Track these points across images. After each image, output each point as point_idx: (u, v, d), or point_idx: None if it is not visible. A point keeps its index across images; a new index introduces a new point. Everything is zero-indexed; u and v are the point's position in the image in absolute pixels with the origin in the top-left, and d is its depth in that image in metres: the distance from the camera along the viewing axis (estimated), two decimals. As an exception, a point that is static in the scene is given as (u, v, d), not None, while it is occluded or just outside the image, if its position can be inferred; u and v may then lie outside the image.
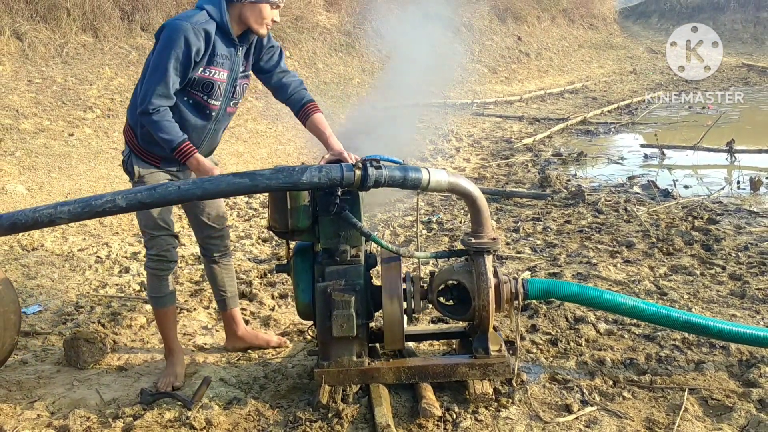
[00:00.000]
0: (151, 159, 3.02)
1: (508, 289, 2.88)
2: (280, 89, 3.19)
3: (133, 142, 3.02)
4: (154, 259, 3.10)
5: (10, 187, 6.24)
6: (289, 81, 3.19)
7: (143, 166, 3.02)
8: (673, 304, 3.87)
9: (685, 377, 3.04)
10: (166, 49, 2.76)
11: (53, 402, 2.97)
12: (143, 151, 3.00)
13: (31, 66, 9.11)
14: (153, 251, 3.09)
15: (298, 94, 3.19)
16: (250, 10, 2.86)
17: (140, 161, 3.02)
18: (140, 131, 2.96)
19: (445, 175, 2.72)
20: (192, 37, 2.75)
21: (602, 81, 17.93)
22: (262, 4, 2.86)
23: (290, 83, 3.19)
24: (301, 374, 3.13)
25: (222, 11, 2.85)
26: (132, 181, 3.06)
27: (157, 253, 3.09)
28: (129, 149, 3.05)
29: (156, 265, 3.11)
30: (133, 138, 3.01)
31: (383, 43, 15.14)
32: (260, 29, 2.92)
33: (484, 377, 2.84)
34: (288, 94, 3.19)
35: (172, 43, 2.75)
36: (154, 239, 3.07)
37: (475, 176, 7.78)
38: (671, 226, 5.46)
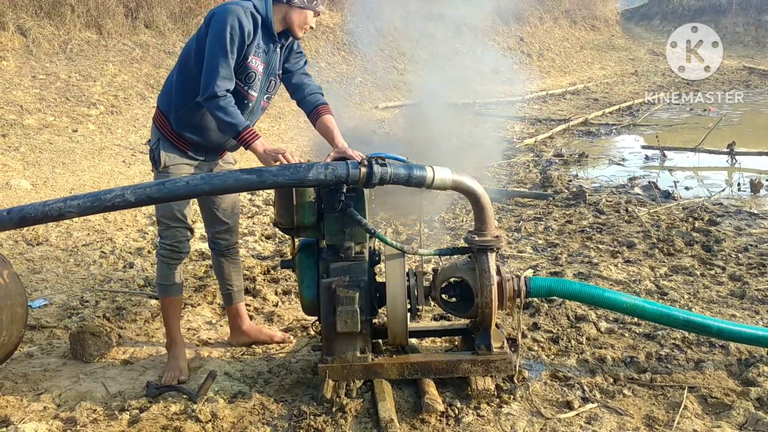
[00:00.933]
0: (182, 145, 3.09)
1: (511, 286, 2.91)
2: (298, 89, 3.25)
3: (165, 128, 3.08)
4: (167, 248, 3.15)
5: (15, 182, 6.27)
6: (308, 83, 3.26)
7: (172, 154, 3.08)
8: (673, 303, 3.90)
9: (684, 375, 3.07)
10: (222, 32, 2.82)
11: (59, 394, 3.00)
12: (175, 136, 3.07)
13: (35, 62, 9.14)
14: (167, 241, 3.15)
15: (313, 96, 3.25)
16: (296, 13, 2.98)
17: (170, 148, 3.08)
18: (174, 116, 3.04)
19: (449, 173, 2.75)
20: (244, 19, 2.85)
21: (604, 82, 17.97)
22: (308, 11, 2.99)
23: (309, 85, 3.26)
24: (305, 369, 3.16)
25: (268, 7, 2.95)
26: (156, 170, 3.12)
27: (170, 244, 3.14)
28: (158, 136, 3.10)
29: (168, 254, 3.16)
30: (165, 124, 3.08)
31: (385, 43, 15.18)
32: (299, 33, 3.05)
33: (486, 374, 2.87)
34: (304, 94, 3.25)
35: (226, 24, 2.82)
36: (170, 229, 3.13)
37: (477, 176, 7.79)
38: (672, 227, 5.49)
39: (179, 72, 3.06)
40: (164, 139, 3.09)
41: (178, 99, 3.04)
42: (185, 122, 3.04)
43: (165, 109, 3.09)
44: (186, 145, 3.10)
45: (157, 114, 3.14)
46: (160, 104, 3.13)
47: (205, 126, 3.06)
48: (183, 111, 3.03)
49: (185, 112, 3.03)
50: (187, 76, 3.01)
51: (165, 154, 3.08)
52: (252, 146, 2.88)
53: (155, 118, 3.15)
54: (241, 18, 2.85)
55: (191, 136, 3.07)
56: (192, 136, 3.07)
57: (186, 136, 3.07)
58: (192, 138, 3.07)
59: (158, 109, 3.14)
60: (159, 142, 3.10)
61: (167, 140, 3.09)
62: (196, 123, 3.05)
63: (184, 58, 3.06)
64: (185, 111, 3.03)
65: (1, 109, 7.80)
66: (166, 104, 3.09)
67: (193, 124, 3.05)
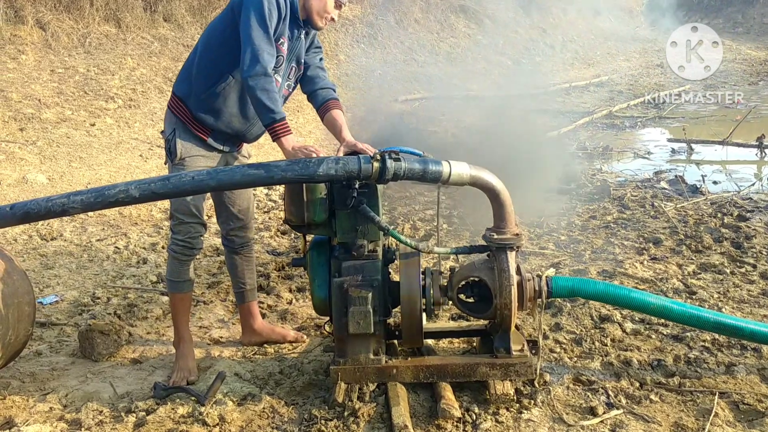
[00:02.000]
0: (201, 131, 2.98)
1: (532, 286, 2.78)
2: (310, 81, 3.16)
3: (184, 114, 2.98)
4: (180, 244, 3.06)
5: (31, 177, 6.25)
6: (323, 77, 3.17)
7: (189, 144, 2.98)
8: (702, 303, 3.74)
9: (715, 380, 2.93)
10: (261, 6, 2.73)
11: (66, 395, 2.93)
12: (194, 122, 2.97)
13: (53, 56, 9.14)
14: (179, 236, 3.05)
15: (325, 91, 3.15)
16: (317, 0, 2.87)
17: (188, 136, 2.98)
18: (194, 100, 2.94)
19: (467, 168, 2.62)
20: None
21: (628, 74, 17.64)
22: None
23: (322, 78, 3.16)
24: (317, 370, 3.06)
25: None
26: (171, 162, 3.01)
27: (183, 239, 3.05)
28: (175, 124, 2.99)
29: (180, 250, 3.07)
30: (183, 109, 2.98)
31: (406, 35, 15.02)
32: (319, 22, 2.95)
33: (506, 378, 2.74)
34: (315, 87, 3.16)
35: None
36: (183, 225, 3.03)
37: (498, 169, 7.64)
38: (700, 223, 5.31)
39: (202, 53, 2.95)
40: (181, 127, 2.99)
41: (199, 82, 2.94)
42: (206, 106, 2.94)
43: (183, 94, 2.99)
44: (205, 132, 2.99)
45: (174, 101, 3.03)
46: (176, 90, 3.03)
47: (227, 110, 2.96)
48: (205, 95, 2.93)
49: (207, 95, 2.93)
50: (211, 57, 2.91)
51: (181, 143, 2.97)
52: (281, 140, 2.76)
53: (171, 105, 3.04)
54: None
55: (212, 122, 2.96)
56: (213, 121, 2.96)
57: (206, 121, 2.96)
58: (212, 123, 2.97)
59: (175, 96, 3.03)
60: (175, 131, 2.99)
61: (185, 127, 2.98)
62: (218, 107, 2.95)
63: (207, 39, 2.96)
64: (207, 94, 2.93)
65: (20, 103, 7.79)
66: (184, 89, 2.99)
67: (215, 108, 2.94)
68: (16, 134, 7.24)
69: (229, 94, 2.91)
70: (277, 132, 2.74)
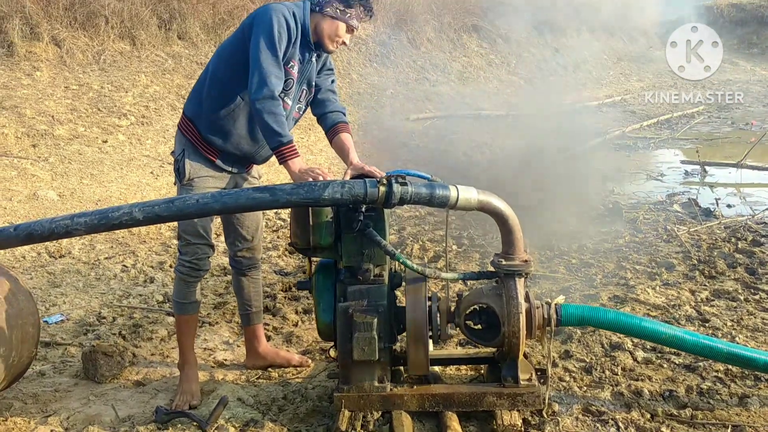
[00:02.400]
0: (209, 152, 2.96)
1: (540, 314, 2.73)
2: (320, 104, 3.14)
3: (193, 135, 2.96)
4: (186, 265, 3.03)
5: (42, 193, 6.27)
6: (332, 100, 3.16)
7: (197, 164, 2.95)
8: (715, 331, 3.67)
9: (728, 412, 2.85)
10: (271, 29, 2.73)
11: (68, 417, 2.89)
12: (203, 143, 2.95)
13: (68, 72, 9.21)
14: (186, 257, 3.02)
15: (335, 114, 3.14)
16: (328, 23, 2.88)
17: (197, 157, 2.96)
18: (204, 122, 2.93)
19: (475, 192, 2.58)
20: (288, 15, 2.78)
21: (641, 94, 17.57)
22: (339, 22, 2.88)
23: (332, 102, 3.15)
24: (321, 396, 3.01)
25: (306, 14, 2.87)
26: (180, 183, 2.99)
27: (190, 260, 3.02)
28: (184, 145, 2.97)
29: (187, 271, 3.04)
30: (193, 130, 2.96)
31: (418, 54, 15.06)
32: (330, 45, 2.94)
33: (513, 408, 2.68)
34: (325, 110, 3.14)
35: (273, 22, 2.74)
36: (190, 246, 3.00)
37: (510, 190, 7.59)
38: (713, 248, 5.23)
39: (212, 75, 2.94)
40: (191, 148, 2.97)
41: (209, 102, 2.92)
42: (215, 128, 2.92)
43: (193, 114, 2.98)
44: (214, 153, 2.97)
45: (184, 121, 3.02)
46: (186, 111, 3.02)
47: (237, 132, 2.94)
48: (214, 116, 2.91)
49: (217, 116, 2.91)
50: (222, 78, 2.90)
51: (190, 163, 2.95)
52: (288, 163, 2.74)
53: (181, 125, 3.02)
54: (287, 16, 2.77)
55: (221, 143, 2.94)
56: (222, 143, 2.94)
57: (215, 143, 2.94)
58: (221, 145, 2.95)
59: (185, 116, 3.02)
60: (184, 151, 2.97)
61: (194, 148, 2.97)
62: (228, 129, 2.93)
63: (217, 60, 2.95)
64: (216, 116, 2.91)
65: (33, 120, 7.85)
66: (194, 109, 2.98)
67: (224, 130, 2.93)
68: (28, 150, 7.28)
69: (239, 116, 2.90)
70: (284, 155, 2.73)
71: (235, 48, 2.86)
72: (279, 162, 2.76)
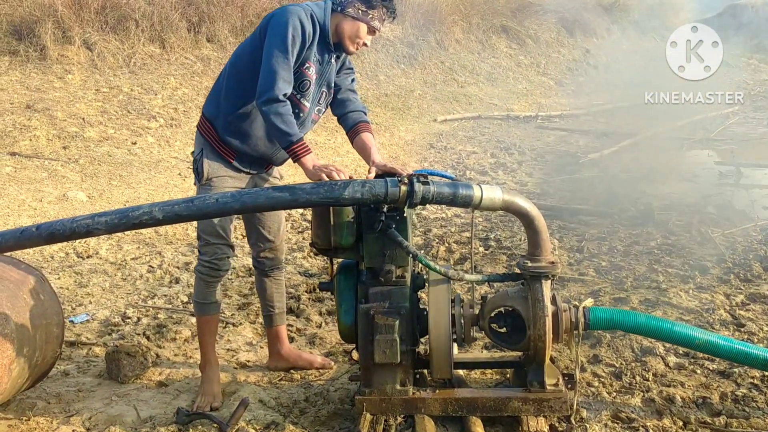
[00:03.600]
0: (227, 153, 2.95)
1: (568, 317, 2.65)
2: (341, 104, 3.11)
3: (211, 135, 2.95)
4: (206, 265, 3.02)
5: (71, 194, 6.33)
6: (353, 100, 3.11)
7: (216, 164, 2.95)
8: (750, 336, 3.54)
9: (764, 420, 2.74)
10: (284, 32, 2.71)
11: (90, 417, 2.89)
12: (221, 144, 2.94)
13: (99, 75, 9.33)
14: (206, 257, 3.01)
15: (356, 113, 3.09)
16: (349, 24, 2.84)
17: (215, 157, 2.95)
18: (222, 122, 2.92)
19: (500, 192, 2.52)
20: (304, 18, 2.75)
21: (675, 95, 17.24)
22: (361, 23, 2.84)
23: (353, 101, 3.11)
24: (343, 399, 2.96)
25: (326, 15, 2.84)
26: (199, 183, 2.99)
27: (209, 260, 3.01)
28: (203, 145, 2.97)
29: (207, 271, 3.02)
30: (211, 130, 2.95)
31: (446, 55, 14.97)
32: (351, 47, 2.90)
33: (539, 413, 2.61)
34: (346, 110, 3.10)
35: (288, 25, 2.71)
36: (209, 246, 2.99)
37: (538, 191, 7.50)
38: (749, 250, 5.07)
39: (230, 75, 2.93)
40: (208, 148, 2.96)
41: (227, 103, 2.91)
42: (233, 129, 2.91)
43: (211, 115, 2.97)
44: (231, 154, 2.96)
45: (202, 121, 3.01)
46: (205, 111, 3.02)
47: (254, 134, 2.93)
48: (232, 117, 2.90)
49: (234, 117, 2.90)
50: (239, 79, 2.88)
51: (208, 163, 2.94)
52: (302, 160, 2.73)
53: (200, 126, 3.02)
54: (302, 19, 2.74)
55: (238, 144, 2.93)
56: (239, 144, 2.93)
57: (232, 144, 2.93)
58: (238, 146, 2.94)
59: (203, 117, 3.02)
60: (203, 151, 2.96)
61: (211, 148, 2.96)
62: (245, 130, 2.92)
63: (235, 61, 2.94)
64: (234, 117, 2.90)
65: (65, 122, 7.96)
66: (212, 110, 2.97)
67: (241, 131, 2.91)
68: (59, 152, 7.38)
69: (256, 117, 2.87)
70: (297, 153, 2.71)
71: (253, 48, 2.84)
72: (293, 160, 2.75)
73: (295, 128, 2.72)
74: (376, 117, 11.33)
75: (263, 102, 2.69)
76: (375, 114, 11.48)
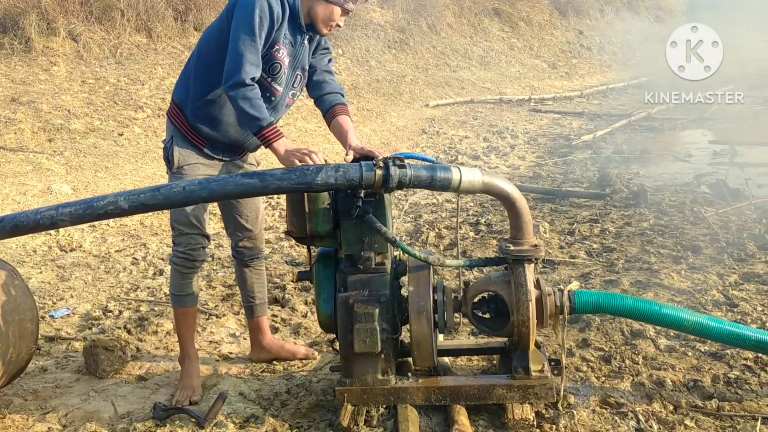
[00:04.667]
0: (197, 140, 2.85)
1: (552, 302, 2.57)
2: (317, 86, 3.00)
3: (180, 122, 2.85)
4: (180, 256, 2.93)
5: (56, 187, 6.24)
6: (330, 81, 3.00)
7: (186, 152, 2.84)
8: (744, 317, 3.47)
9: (757, 403, 2.67)
10: (250, 13, 2.59)
11: (66, 414, 2.82)
12: (191, 130, 2.84)
13: (85, 66, 9.20)
14: (180, 248, 2.92)
15: (333, 95, 2.98)
16: (322, 7, 2.73)
17: (185, 144, 2.85)
18: (191, 108, 2.81)
19: (479, 174, 2.43)
20: (273, 1, 2.63)
21: (669, 75, 17.12)
22: (334, 6, 2.73)
23: (329, 83, 3.00)
24: (325, 390, 2.89)
25: None
26: (170, 172, 2.89)
27: (184, 251, 2.92)
28: (173, 132, 2.87)
29: (182, 262, 2.94)
30: (180, 117, 2.85)
31: (438, 40, 14.83)
32: (323, 29, 2.80)
33: (524, 400, 2.54)
34: (322, 92, 2.99)
35: (255, 6, 2.59)
36: (183, 236, 2.90)
37: (530, 174, 7.42)
38: (743, 229, 5.00)
39: (198, 59, 2.82)
40: (178, 135, 2.86)
41: (195, 89, 2.81)
42: (202, 114, 2.81)
43: (180, 100, 2.87)
44: (202, 141, 2.86)
45: (172, 108, 2.91)
46: (174, 97, 2.92)
47: (224, 120, 2.82)
48: (200, 102, 2.80)
49: (202, 103, 2.79)
50: (207, 63, 2.77)
51: (178, 151, 2.84)
52: (273, 145, 2.62)
53: (170, 113, 2.92)
54: (271, 1, 2.62)
55: (208, 131, 2.83)
56: (209, 130, 2.83)
57: (202, 131, 2.83)
58: (209, 133, 2.83)
59: (173, 103, 2.92)
60: (173, 139, 2.86)
61: (182, 135, 2.86)
62: (214, 116, 2.81)
63: (203, 44, 2.83)
64: (202, 102, 2.79)
65: (50, 114, 7.84)
66: (181, 96, 2.87)
67: (211, 117, 2.81)
68: (44, 145, 7.27)
69: (226, 103, 2.76)
70: (268, 138, 2.60)
71: (219, 31, 2.73)
72: (265, 146, 2.64)
73: (264, 112, 2.62)
74: (367, 103, 11.21)
75: (230, 87, 2.59)
76: (366, 100, 11.36)
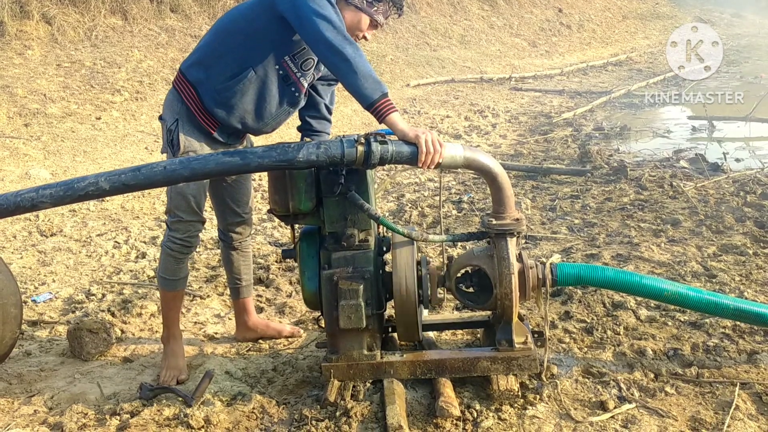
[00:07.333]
0: (209, 123, 2.72)
1: (535, 275, 2.60)
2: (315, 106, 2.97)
3: (193, 102, 2.70)
4: (177, 242, 2.85)
5: (34, 172, 6.16)
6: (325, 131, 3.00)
7: (192, 136, 2.72)
8: (722, 287, 3.54)
9: (736, 370, 2.74)
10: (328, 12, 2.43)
11: (52, 396, 2.81)
12: (204, 112, 2.70)
13: (60, 50, 9.06)
14: (177, 234, 2.84)
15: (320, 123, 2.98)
16: (351, 14, 2.62)
17: (191, 128, 2.72)
18: (209, 91, 2.66)
19: (461, 149, 2.44)
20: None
21: (647, 52, 17.23)
22: (363, 14, 2.63)
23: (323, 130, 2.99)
24: (312, 366, 2.91)
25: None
26: (172, 154, 2.75)
27: (182, 238, 2.84)
28: (179, 113, 2.73)
29: (178, 248, 2.87)
30: (194, 97, 2.70)
31: (418, 19, 14.76)
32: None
33: (508, 372, 2.57)
34: (315, 113, 2.98)
35: None
36: (182, 223, 2.82)
37: (512, 153, 7.44)
38: (721, 202, 5.07)
39: (223, 39, 2.66)
40: (185, 116, 2.71)
41: (216, 71, 2.65)
42: (221, 99, 2.66)
43: (195, 80, 2.69)
44: (213, 125, 2.73)
45: (184, 85, 2.72)
46: (188, 74, 2.71)
47: (243, 107, 2.69)
48: (221, 86, 2.64)
49: (224, 88, 2.64)
50: (233, 46, 2.63)
51: (184, 137, 2.70)
52: (389, 118, 2.40)
53: (180, 89, 2.73)
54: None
55: (224, 115, 2.69)
56: (225, 115, 2.69)
57: (218, 114, 2.69)
58: (224, 117, 2.70)
59: (185, 80, 2.72)
60: (178, 121, 2.71)
61: (190, 116, 2.71)
62: (234, 102, 2.67)
63: (229, 26, 2.67)
64: (223, 86, 2.64)
65: (25, 99, 7.72)
66: (197, 75, 2.69)
67: (230, 103, 2.67)
68: (20, 130, 7.16)
69: (248, 90, 2.65)
70: (383, 110, 2.40)
71: (255, 16, 2.59)
72: (378, 119, 2.42)
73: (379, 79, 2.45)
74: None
75: (350, 43, 2.40)
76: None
